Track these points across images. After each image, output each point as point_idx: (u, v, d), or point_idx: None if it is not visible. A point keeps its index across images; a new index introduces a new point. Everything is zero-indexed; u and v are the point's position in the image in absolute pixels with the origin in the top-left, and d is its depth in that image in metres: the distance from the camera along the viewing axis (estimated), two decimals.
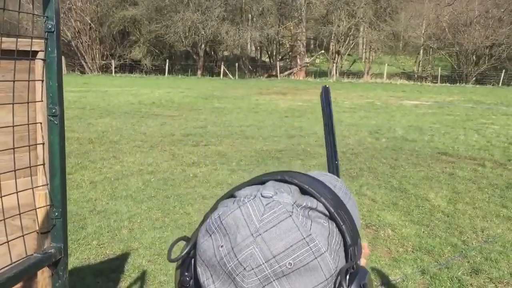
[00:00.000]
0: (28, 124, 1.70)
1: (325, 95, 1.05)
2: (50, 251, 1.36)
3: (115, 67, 37.30)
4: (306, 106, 17.26)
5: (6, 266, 1.39)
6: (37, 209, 1.73)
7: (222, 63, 38.44)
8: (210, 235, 0.59)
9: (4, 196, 1.41)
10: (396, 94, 23.53)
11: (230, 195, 0.65)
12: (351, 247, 0.58)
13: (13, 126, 1.44)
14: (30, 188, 1.58)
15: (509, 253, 4.41)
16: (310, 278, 0.54)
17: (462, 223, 5.23)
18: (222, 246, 0.56)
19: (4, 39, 1.54)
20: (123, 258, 4.43)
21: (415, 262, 4.26)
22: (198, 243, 0.60)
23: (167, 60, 38.06)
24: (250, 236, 0.55)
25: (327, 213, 0.59)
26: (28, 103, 1.68)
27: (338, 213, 0.59)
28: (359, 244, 0.61)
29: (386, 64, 37.66)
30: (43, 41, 1.67)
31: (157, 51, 40.87)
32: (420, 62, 40.77)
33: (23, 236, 1.48)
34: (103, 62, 38.40)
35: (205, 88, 24.97)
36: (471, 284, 3.86)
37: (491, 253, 4.42)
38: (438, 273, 4.04)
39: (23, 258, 1.33)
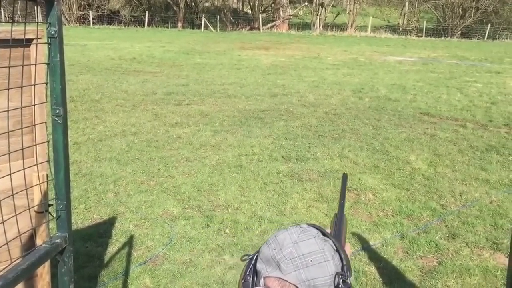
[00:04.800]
0: (35, 105, 1.70)
1: (344, 181, 1.38)
2: (57, 240, 1.46)
3: (93, 18, 36.26)
4: (289, 62, 17.16)
5: (17, 257, 1.44)
6: (35, 190, 1.77)
7: (203, 15, 37.61)
8: (268, 245, 0.99)
9: (4, 176, 1.46)
10: (380, 49, 23.48)
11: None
12: (344, 266, 0.98)
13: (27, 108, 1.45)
14: (33, 167, 1.61)
15: (486, 218, 4.59)
16: (321, 271, 0.94)
17: (441, 186, 5.39)
18: (275, 249, 0.97)
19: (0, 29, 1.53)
20: (110, 222, 4.49)
21: (395, 227, 4.42)
22: (260, 252, 1.00)
23: (147, 12, 37.08)
24: (291, 243, 0.97)
25: (335, 248, 0.99)
26: (35, 85, 1.67)
27: (341, 250, 1.00)
28: (350, 268, 1.01)
29: (371, 17, 37.31)
30: (36, 28, 1.66)
31: (136, 1, 39.74)
32: (406, 15, 40.44)
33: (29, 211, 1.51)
34: (81, 12, 37.24)
35: (186, 42, 24.57)
36: (447, 248, 4.03)
37: (468, 217, 4.59)
38: (416, 238, 4.20)
39: (32, 249, 1.39)
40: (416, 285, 3.55)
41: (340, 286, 0.95)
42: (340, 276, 0.96)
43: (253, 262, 1.02)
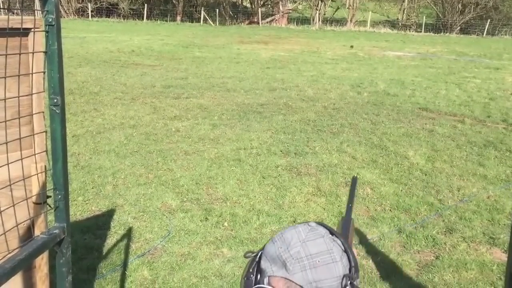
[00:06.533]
0: (32, 94, 1.70)
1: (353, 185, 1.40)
2: (55, 231, 1.45)
3: (91, 11, 36.10)
4: (288, 56, 17.13)
5: (15, 248, 1.44)
6: (34, 181, 1.77)
7: (202, 9, 37.48)
8: (274, 243, 0.96)
9: (2, 166, 1.45)
10: (379, 44, 23.43)
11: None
12: (352, 268, 0.95)
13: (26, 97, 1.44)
14: (30, 158, 1.61)
15: (483, 213, 4.60)
16: (328, 272, 0.91)
17: (439, 181, 5.40)
18: (281, 247, 0.94)
19: None
20: (108, 214, 4.50)
21: (392, 221, 4.43)
22: (265, 250, 0.98)
23: (145, 4, 36.92)
24: (299, 242, 0.93)
25: (343, 248, 0.96)
26: (32, 73, 1.67)
27: (349, 251, 0.97)
28: (358, 270, 0.97)
29: (370, 12, 37.23)
30: (33, 18, 1.66)
31: None
32: (405, 10, 40.34)
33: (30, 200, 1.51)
34: (79, 5, 37.07)
35: (185, 36, 24.49)
36: (445, 243, 4.04)
37: (466, 212, 4.60)
38: (413, 232, 4.21)
39: (29, 240, 1.39)
40: (413, 279, 3.56)
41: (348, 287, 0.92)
42: (348, 278, 0.93)
43: (257, 259, 0.99)
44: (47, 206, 1.83)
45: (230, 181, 5.29)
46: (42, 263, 1.95)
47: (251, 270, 0.98)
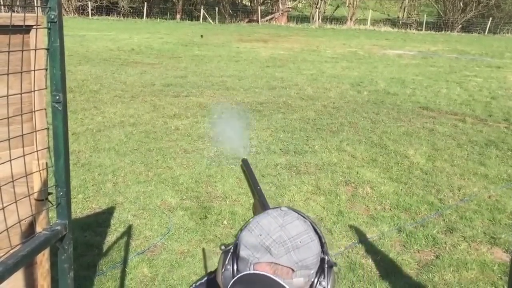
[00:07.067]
0: (34, 91, 1.70)
1: (247, 166, 1.45)
2: (56, 228, 1.45)
3: (91, 9, 36.07)
4: (288, 55, 17.11)
5: (17, 244, 1.44)
6: (35, 177, 1.77)
7: (202, 7, 37.43)
8: (251, 232, 0.99)
9: (4, 162, 1.45)
10: (379, 42, 23.40)
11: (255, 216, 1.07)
12: (324, 244, 1.03)
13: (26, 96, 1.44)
14: (32, 154, 1.60)
15: (484, 212, 4.60)
16: (310, 251, 0.97)
17: (439, 181, 5.40)
18: (261, 235, 0.97)
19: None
20: (108, 212, 4.50)
21: (392, 220, 4.43)
22: (243, 240, 1.00)
23: (145, 3, 36.87)
24: (278, 227, 0.98)
25: (312, 227, 1.03)
26: (34, 70, 1.66)
27: (318, 229, 1.04)
28: (327, 244, 1.06)
29: (371, 10, 37.17)
30: (35, 15, 1.65)
31: None
32: (406, 8, 40.26)
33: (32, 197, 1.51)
34: (79, 3, 37.03)
35: (184, 34, 24.45)
36: (445, 242, 4.04)
37: (466, 211, 4.60)
38: (414, 231, 4.21)
39: (31, 236, 1.39)
40: (413, 279, 3.56)
41: (326, 260, 1.02)
42: (324, 253, 1.02)
43: (231, 250, 1.03)
44: (49, 202, 1.83)
45: (229, 179, 5.29)
46: (43, 259, 1.95)
47: (227, 262, 1.02)
